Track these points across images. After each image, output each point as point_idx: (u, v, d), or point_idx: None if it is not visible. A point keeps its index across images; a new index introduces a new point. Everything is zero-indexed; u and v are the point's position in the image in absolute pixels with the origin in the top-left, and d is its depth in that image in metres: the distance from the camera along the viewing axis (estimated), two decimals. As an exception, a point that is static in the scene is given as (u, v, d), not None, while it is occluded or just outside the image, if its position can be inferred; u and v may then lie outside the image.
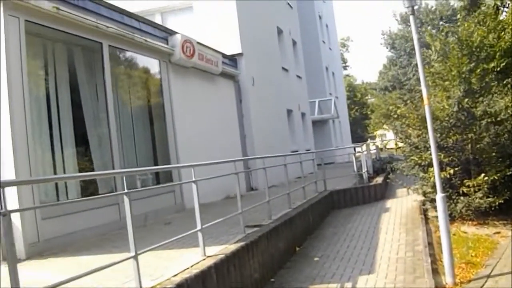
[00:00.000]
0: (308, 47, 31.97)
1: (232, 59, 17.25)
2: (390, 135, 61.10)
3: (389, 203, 14.66)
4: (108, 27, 9.68)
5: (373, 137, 66.24)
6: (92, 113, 9.84)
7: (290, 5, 26.65)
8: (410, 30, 50.24)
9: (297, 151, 22.59)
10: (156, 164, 11.90)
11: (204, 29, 17.12)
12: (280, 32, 23.56)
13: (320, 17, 37.24)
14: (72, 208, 8.32)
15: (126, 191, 5.05)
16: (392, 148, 39.73)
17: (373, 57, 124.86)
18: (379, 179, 17.28)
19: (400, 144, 12.53)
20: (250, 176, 16.79)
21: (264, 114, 19.12)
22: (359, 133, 61.21)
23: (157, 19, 17.50)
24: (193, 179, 6.60)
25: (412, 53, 52.96)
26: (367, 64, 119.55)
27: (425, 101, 7.77)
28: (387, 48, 59.35)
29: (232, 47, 17.25)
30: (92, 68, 9.94)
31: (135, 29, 10.89)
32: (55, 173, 8.65)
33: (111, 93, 9.90)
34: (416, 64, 8.21)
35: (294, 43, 26.57)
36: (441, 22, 50.96)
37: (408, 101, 12.69)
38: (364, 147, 19.63)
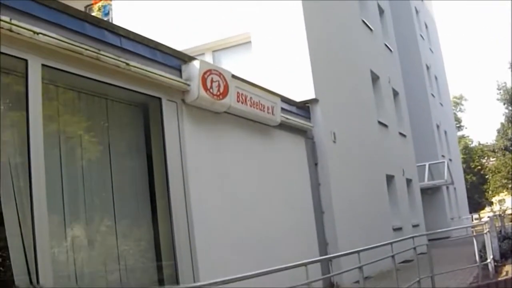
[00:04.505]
0: (414, 101, 26.95)
1: (302, 107, 12.68)
2: (509, 200, 54.26)
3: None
4: (37, 33, 5.54)
5: (490, 203, 59.55)
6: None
7: (389, 48, 21.92)
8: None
9: (400, 228, 17.60)
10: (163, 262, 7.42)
11: (265, 69, 12.89)
12: (375, 78, 18.81)
13: (427, 67, 32.05)
14: None
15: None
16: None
17: (490, 115, 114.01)
18: (510, 269, 11.74)
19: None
20: (330, 267, 11.82)
21: (352, 181, 14.19)
22: (476, 199, 54.52)
23: (208, 60, 13.51)
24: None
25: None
26: (484, 123, 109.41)
27: None
28: (504, 104, 52.44)
29: (302, 91, 12.72)
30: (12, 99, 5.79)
31: (109, 45, 6.66)
32: None
33: (41, 148, 5.59)
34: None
35: (396, 93, 21.65)
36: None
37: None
38: (487, 223, 13.99)
